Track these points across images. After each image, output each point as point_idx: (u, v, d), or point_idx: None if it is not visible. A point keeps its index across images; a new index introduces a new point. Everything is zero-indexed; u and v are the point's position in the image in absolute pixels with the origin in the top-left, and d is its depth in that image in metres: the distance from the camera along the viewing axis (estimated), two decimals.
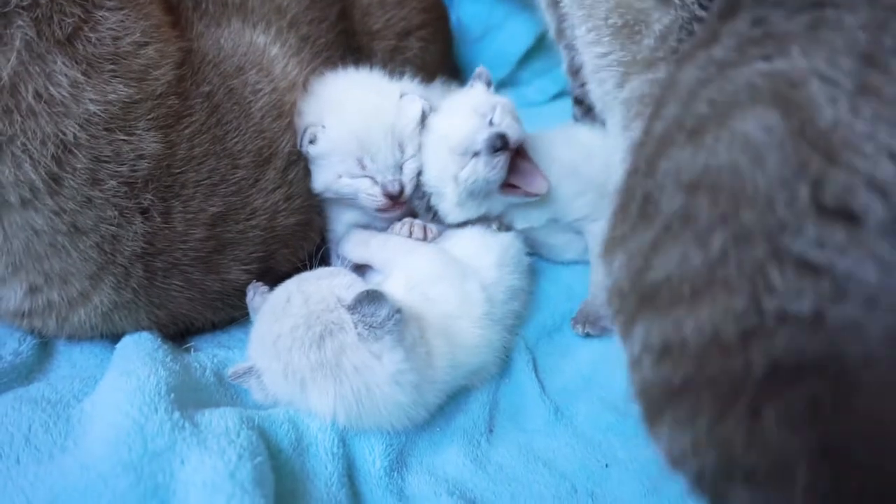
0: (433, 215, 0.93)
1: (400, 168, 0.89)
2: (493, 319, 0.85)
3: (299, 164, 0.89)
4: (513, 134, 0.87)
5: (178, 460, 0.59)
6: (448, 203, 0.92)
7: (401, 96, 0.91)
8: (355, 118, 0.88)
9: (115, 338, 0.82)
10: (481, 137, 0.86)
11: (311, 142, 0.88)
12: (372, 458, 0.73)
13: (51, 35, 0.67)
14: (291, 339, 0.72)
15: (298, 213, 0.90)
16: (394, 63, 1.05)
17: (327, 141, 0.87)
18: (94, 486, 0.56)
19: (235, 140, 0.83)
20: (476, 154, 0.88)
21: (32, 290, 0.75)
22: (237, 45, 0.86)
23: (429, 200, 0.93)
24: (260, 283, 0.83)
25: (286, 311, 0.74)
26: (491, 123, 0.89)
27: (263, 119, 0.85)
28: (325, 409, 0.70)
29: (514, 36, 1.38)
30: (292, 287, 0.77)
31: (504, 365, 0.89)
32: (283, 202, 0.87)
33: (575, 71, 1.03)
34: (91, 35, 0.70)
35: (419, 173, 0.92)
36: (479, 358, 0.83)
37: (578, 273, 1.02)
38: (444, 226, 0.94)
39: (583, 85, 0.98)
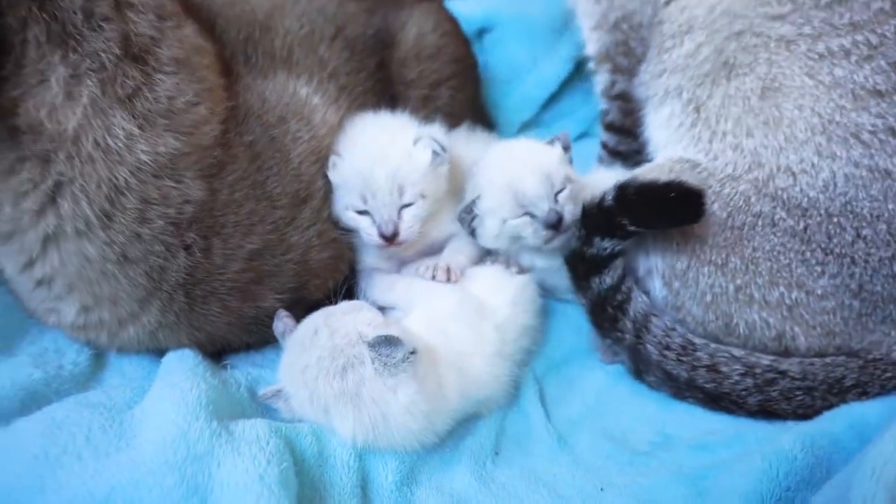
0: (471, 233, 1.03)
1: (400, 211, 0.95)
2: (504, 356, 0.93)
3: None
4: (568, 219, 0.97)
5: (216, 463, 0.68)
6: (486, 231, 1.02)
7: (414, 142, 0.97)
8: (362, 156, 0.95)
9: (159, 352, 0.91)
10: (544, 207, 0.97)
11: (331, 169, 0.96)
12: (385, 473, 0.80)
13: (113, 94, 0.75)
14: (317, 370, 0.80)
15: (331, 247, 0.97)
16: (426, 109, 1.12)
17: (340, 172, 0.96)
18: (144, 481, 0.65)
19: (275, 184, 0.91)
20: (532, 215, 0.98)
21: (85, 308, 0.84)
22: (281, 95, 0.94)
23: (472, 220, 1.02)
24: (284, 312, 0.90)
25: (313, 343, 0.81)
26: (556, 198, 0.98)
27: (302, 164, 0.93)
28: (345, 432, 0.78)
29: (539, 81, 1.48)
30: (319, 321, 0.85)
31: (513, 395, 0.95)
32: (317, 238, 0.94)
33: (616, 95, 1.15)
34: (149, 95, 0.78)
35: (474, 200, 1.00)
36: (488, 390, 0.90)
37: None
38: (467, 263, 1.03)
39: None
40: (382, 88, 1.08)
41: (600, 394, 0.99)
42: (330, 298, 0.92)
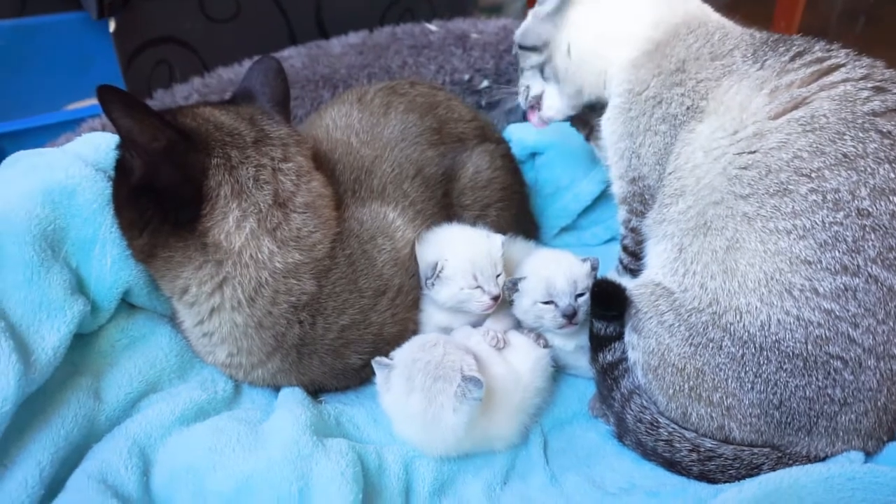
0: (510, 301, 1.30)
1: (496, 280, 1.26)
2: (520, 410, 1.19)
3: (403, 294, 1.23)
4: (581, 317, 1.26)
5: (315, 462, 0.99)
6: (521, 305, 1.29)
7: (487, 236, 1.29)
8: (469, 249, 1.25)
9: (276, 388, 1.21)
10: (565, 301, 1.25)
11: (441, 270, 1.23)
12: (423, 484, 1.09)
13: (264, 227, 1.05)
14: (424, 367, 1.08)
15: (400, 324, 1.24)
16: (476, 225, 1.35)
17: (451, 267, 1.23)
18: (274, 468, 0.97)
19: (363, 281, 1.16)
20: (556, 305, 1.25)
21: (230, 354, 1.14)
22: (374, 219, 1.21)
23: (514, 293, 1.29)
24: (383, 358, 1.14)
25: (431, 350, 1.11)
26: (576, 298, 1.26)
27: (383, 267, 1.20)
28: (411, 412, 1.08)
29: (576, 196, 1.76)
30: (441, 340, 1.14)
31: (524, 441, 1.21)
32: (391, 318, 1.21)
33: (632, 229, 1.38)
34: (286, 227, 1.07)
35: (520, 279, 1.28)
36: (504, 433, 1.17)
37: (590, 384, 1.30)
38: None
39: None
40: (444, 210, 1.35)
41: (590, 449, 1.23)
42: None
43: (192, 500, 0.99)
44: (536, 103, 1.45)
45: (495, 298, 1.25)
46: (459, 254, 1.25)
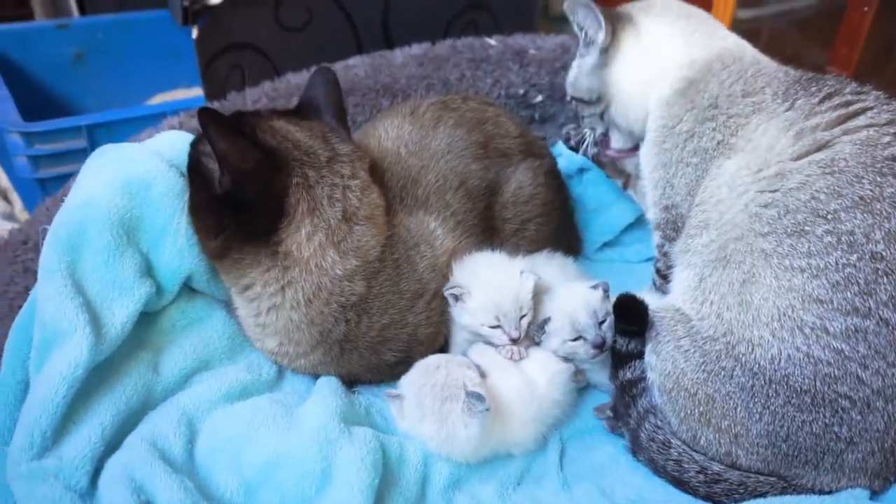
0: (538, 342, 1.33)
1: (519, 321, 1.27)
2: (536, 420, 1.24)
3: (438, 298, 1.29)
4: (608, 342, 1.29)
5: (339, 447, 1.06)
6: (551, 345, 1.31)
7: (521, 273, 1.29)
8: (493, 291, 1.26)
9: (315, 376, 1.28)
10: (592, 333, 1.27)
11: (459, 298, 1.27)
12: (439, 477, 1.15)
13: (332, 240, 1.13)
14: (430, 391, 1.14)
15: (433, 327, 1.30)
16: (516, 237, 1.46)
17: (473, 303, 1.26)
18: (302, 448, 1.05)
19: (404, 284, 1.23)
20: (584, 339, 1.28)
21: (280, 343, 1.22)
22: (419, 227, 1.28)
23: (542, 334, 1.31)
24: (391, 390, 1.22)
25: (434, 374, 1.16)
26: (600, 324, 1.28)
27: (423, 272, 1.26)
28: (427, 435, 1.15)
29: (620, 212, 1.80)
30: (442, 361, 1.19)
31: (542, 447, 1.26)
32: (425, 320, 1.27)
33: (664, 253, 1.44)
34: (349, 239, 1.14)
35: (546, 321, 1.30)
36: (520, 441, 1.23)
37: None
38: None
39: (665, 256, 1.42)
40: (484, 221, 1.40)
41: (605, 461, 1.27)
42: None
43: (229, 468, 1.10)
44: (604, 139, 1.55)
45: (515, 340, 1.28)
46: (485, 294, 1.27)
